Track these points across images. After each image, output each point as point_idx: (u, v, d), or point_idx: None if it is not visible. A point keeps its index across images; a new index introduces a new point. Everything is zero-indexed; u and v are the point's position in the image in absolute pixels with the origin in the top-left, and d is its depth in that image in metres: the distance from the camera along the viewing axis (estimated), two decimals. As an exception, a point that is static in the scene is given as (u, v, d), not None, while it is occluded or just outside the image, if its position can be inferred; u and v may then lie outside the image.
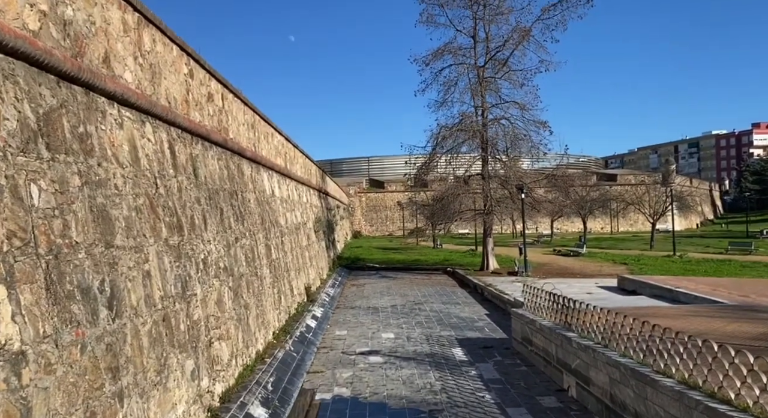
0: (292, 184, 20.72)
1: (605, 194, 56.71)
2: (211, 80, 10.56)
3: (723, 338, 9.02)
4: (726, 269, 26.17)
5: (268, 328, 12.61)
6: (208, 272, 8.86)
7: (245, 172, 12.95)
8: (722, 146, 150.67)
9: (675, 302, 15.56)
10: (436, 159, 30.12)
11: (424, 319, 17.54)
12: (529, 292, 12.98)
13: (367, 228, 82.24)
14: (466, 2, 27.54)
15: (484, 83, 28.47)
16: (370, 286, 26.43)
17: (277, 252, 15.33)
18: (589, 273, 26.92)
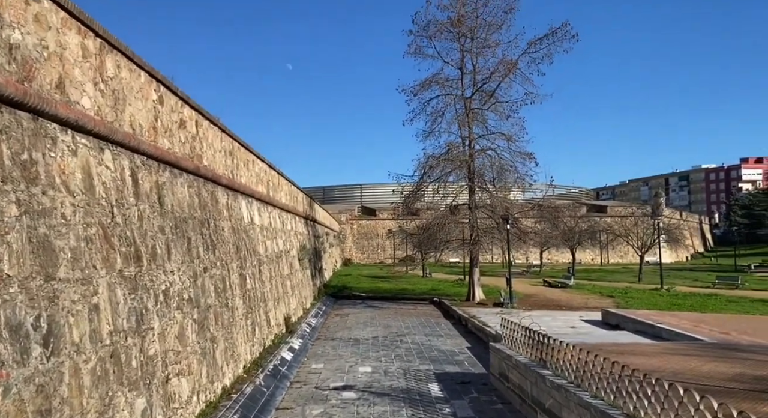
0: (274, 212, 20.51)
1: (594, 226, 56.80)
2: (184, 107, 10.46)
3: (698, 379, 8.77)
4: (712, 303, 25.99)
5: (238, 361, 12.22)
6: (169, 304, 8.57)
7: (220, 200, 12.75)
8: (712, 180, 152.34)
9: (657, 337, 15.31)
10: (424, 188, 30.11)
11: (405, 352, 17.15)
12: (507, 326, 12.70)
13: (358, 256, 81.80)
14: (453, 35, 27.94)
15: (471, 114, 28.67)
16: (354, 316, 25.98)
17: (254, 282, 15.02)
18: (575, 306, 26.64)
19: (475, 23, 27.65)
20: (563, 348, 9.38)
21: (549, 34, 26.49)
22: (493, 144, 29.15)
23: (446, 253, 44.96)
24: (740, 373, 9.09)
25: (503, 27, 27.70)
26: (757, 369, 9.32)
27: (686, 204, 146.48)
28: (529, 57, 27.31)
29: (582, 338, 16.12)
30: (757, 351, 11.44)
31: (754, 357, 10.59)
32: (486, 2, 27.47)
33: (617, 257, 74.89)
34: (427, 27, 27.82)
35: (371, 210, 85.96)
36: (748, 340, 13.19)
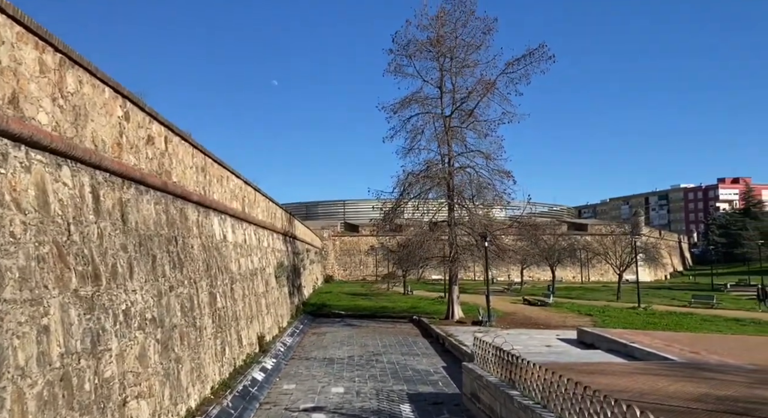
0: (250, 229, 20.32)
1: (574, 244, 57.25)
2: (152, 123, 10.36)
3: (663, 399, 8.78)
4: (687, 322, 26.22)
5: (206, 382, 11.96)
6: (130, 324, 8.37)
7: (190, 217, 12.59)
8: (690, 199, 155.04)
9: (629, 357, 15.36)
10: (403, 205, 30.14)
11: (379, 372, 16.96)
12: (479, 345, 12.63)
13: (341, 272, 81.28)
14: (433, 55, 28.27)
15: (450, 132, 28.91)
16: (331, 334, 25.70)
17: (225, 300, 14.79)
18: (553, 324, 26.68)
19: (454, 43, 28.03)
20: (531, 368, 9.33)
21: (526, 55, 26.97)
22: (471, 162, 29.40)
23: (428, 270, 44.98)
24: (705, 393, 9.12)
25: (482, 47, 28.14)
26: (722, 389, 9.36)
27: (666, 223, 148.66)
28: (507, 77, 27.73)
29: (556, 357, 16.11)
30: (724, 371, 11.51)
31: (721, 377, 10.65)
32: (465, 23, 27.92)
33: (598, 275, 75.44)
34: (407, 46, 28.15)
35: (354, 226, 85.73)
36: (716, 360, 13.29)
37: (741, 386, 9.78)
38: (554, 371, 8.64)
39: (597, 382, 10.37)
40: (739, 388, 9.65)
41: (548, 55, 26.74)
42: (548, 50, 26.80)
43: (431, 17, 27.99)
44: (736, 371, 11.52)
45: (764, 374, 11.27)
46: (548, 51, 26.81)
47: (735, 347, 16.20)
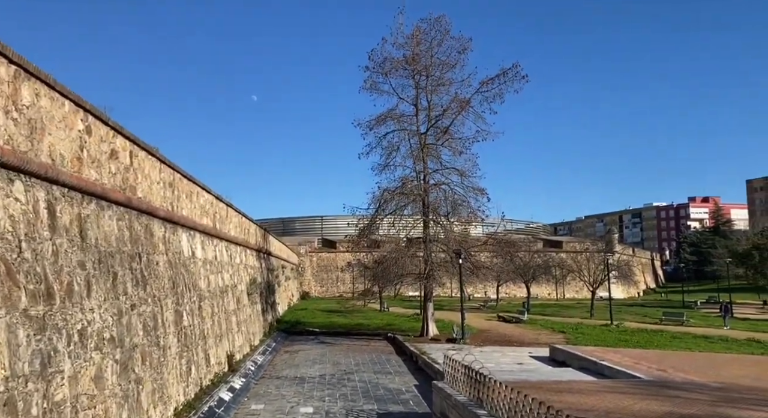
0: (221, 245, 20.01)
1: (549, 261, 57.81)
2: (117, 137, 10.16)
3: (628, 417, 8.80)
4: (657, 339, 26.54)
5: (169, 404, 11.62)
6: (86, 345, 8.09)
7: (155, 233, 12.33)
8: (663, 218, 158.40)
9: (599, 374, 15.43)
10: (379, 221, 30.09)
11: (350, 391, 16.71)
12: (449, 363, 12.54)
13: (317, 289, 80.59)
14: (408, 72, 28.55)
15: (425, 149, 29.10)
16: (304, 353, 25.32)
17: (192, 318, 14.46)
18: (526, 341, 26.73)
19: (429, 62, 28.36)
20: (498, 388, 9.27)
21: (500, 74, 27.39)
22: (447, 179, 29.59)
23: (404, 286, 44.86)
24: (669, 412, 9.16)
25: (457, 66, 28.53)
26: (685, 407, 9.42)
27: (639, 240, 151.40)
28: (482, 95, 28.11)
29: (527, 375, 16.10)
30: (689, 389, 11.61)
31: (685, 395, 10.74)
32: (440, 42, 28.31)
33: (573, 292, 76.16)
34: (383, 64, 28.40)
35: (332, 242, 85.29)
36: (682, 377, 13.42)
37: (705, 405, 9.86)
38: (521, 389, 8.60)
39: (565, 400, 10.37)
40: (703, 406, 9.73)
41: (521, 75, 27.25)
42: (521, 70, 27.32)
43: (407, 36, 28.36)
44: (701, 389, 11.63)
45: (728, 392, 11.40)
46: (521, 71, 27.33)
47: (702, 365, 16.41)
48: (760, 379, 13.83)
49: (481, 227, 38.07)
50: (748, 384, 12.85)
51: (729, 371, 15.40)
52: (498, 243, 32.54)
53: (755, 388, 12.25)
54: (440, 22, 28.25)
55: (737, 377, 14.15)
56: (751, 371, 15.53)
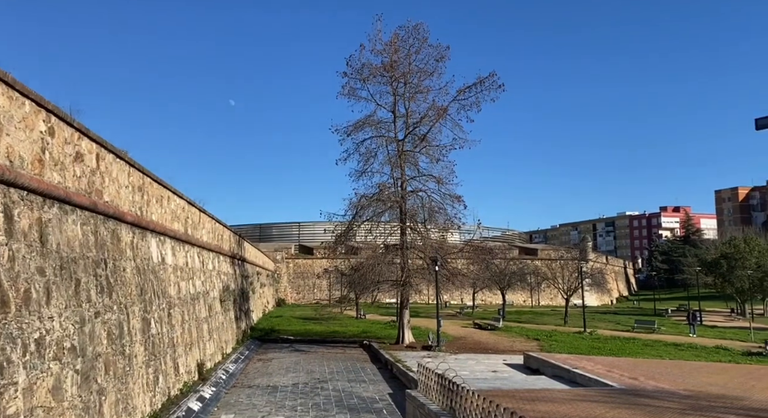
0: (193, 251, 19.62)
1: (524, 268, 58.28)
2: (82, 139, 9.86)
3: (600, 428, 8.79)
4: (629, 347, 26.86)
5: (134, 415, 11.25)
6: (43, 354, 7.76)
7: (123, 239, 11.98)
8: (635, 226, 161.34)
9: (572, 382, 15.49)
10: (356, 228, 29.93)
11: (324, 400, 16.47)
12: (422, 372, 12.43)
13: (293, 296, 79.82)
14: (386, 79, 28.55)
15: (403, 156, 29.09)
16: (278, 361, 24.94)
17: (160, 326, 14.09)
18: (501, 349, 26.79)
19: (407, 69, 28.43)
20: (470, 397, 9.19)
21: (477, 83, 27.60)
22: (424, 186, 29.61)
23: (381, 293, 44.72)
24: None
25: (434, 74, 28.66)
26: (655, 416, 9.47)
27: (612, 249, 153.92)
28: (459, 104, 28.27)
29: (501, 383, 16.09)
30: (659, 397, 11.71)
31: (656, 403, 10.81)
32: (418, 50, 28.41)
33: (547, 299, 76.88)
34: (361, 70, 28.35)
35: (309, 249, 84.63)
36: (653, 385, 13.54)
37: (674, 413, 9.93)
38: (494, 398, 8.53)
39: (537, 409, 10.35)
40: (672, 414, 9.80)
41: (498, 83, 27.49)
42: (498, 79, 27.56)
43: (385, 43, 28.39)
44: (671, 398, 11.74)
45: (697, 400, 11.52)
46: (498, 80, 27.57)
47: (672, 373, 16.61)
48: (727, 386, 14.04)
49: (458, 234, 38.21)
50: (715, 392, 13.03)
51: (698, 378, 15.61)
52: (474, 250, 32.65)
53: (722, 395, 12.42)
54: (418, 30, 28.41)
55: (705, 384, 14.35)
56: (719, 378, 15.78)
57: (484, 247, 35.45)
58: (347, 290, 47.78)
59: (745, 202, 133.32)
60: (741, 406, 11.07)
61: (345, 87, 28.68)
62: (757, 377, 16.54)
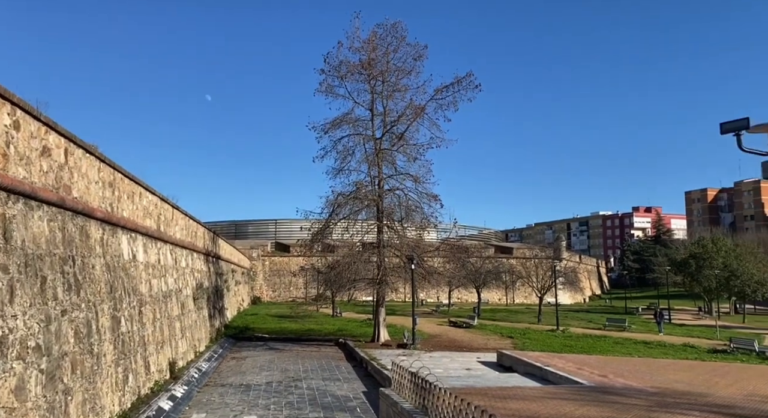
0: (165, 248, 19.32)
1: (499, 266, 58.89)
2: (50, 133, 9.62)
3: (569, 425, 8.94)
4: (600, 345, 27.37)
5: (102, 414, 11.04)
6: (6, 354, 7.57)
7: (92, 235, 11.74)
8: (608, 226, 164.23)
9: (544, 380, 15.73)
10: (332, 225, 29.84)
11: (297, 398, 16.41)
12: (396, 370, 12.48)
13: (269, 293, 79.24)
14: (364, 77, 28.50)
15: (380, 154, 29.09)
16: (252, 359, 24.75)
17: (131, 324, 13.85)
18: (475, 346, 27.03)
19: (385, 67, 28.42)
20: (442, 395, 9.25)
21: (454, 82, 27.74)
22: (401, 184, 29.67)
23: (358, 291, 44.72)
24: (607, 417, 9.37)
25: (412, 73, 28.71)
26: (623, 413, 9.67)
27: (586, 248, 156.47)
28: (436, 103, 28.38)
29: (474, 381, 16.24)
30: (627, 394, 11.96)
31: (623, 401, 11.05)
32: (396, 48, 28.42)
33: (522, 297, 77.81)
34: (338, 67, 28.23)
35: (285, 246, 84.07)
36: (621, 383, 13.84)
37: (641, 410, 10.15)
38: (466, 396, 8.61)
39: (508, 407, 10.48)
40: (639, 411, 10.02)
41: (475, 84, 27.66)
42: (475, 79, 27.73)
43: (363, 40, 28.32)
44: (638, 395, 12.00)
45: (663, 397, 11.80)
46: (475, 80, 27.74)
47: (640, 370, 16.98)
48: (692, 383, 14.42)
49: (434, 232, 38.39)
50: (681, 388, 13.37)
51: (665, 375, 15.99)
52: (451, 249, 32.85)
53: (688, 392, 12.75)
54: (396, 29, 28.41)
55: (672, 381, 14.71)
56: (685, 375, 16.19)
57: (461, 245, 35.72)
58: (324, 288, 47.68)
59: (713, 204, 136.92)
60: (705, 402, 11.38)
61: (322, 84, 28.57)
62: (721, 373, 17.03)
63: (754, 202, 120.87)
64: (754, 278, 52.97)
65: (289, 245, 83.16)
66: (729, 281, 53.62)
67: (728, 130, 7.47)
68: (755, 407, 11.06)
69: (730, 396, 12.39)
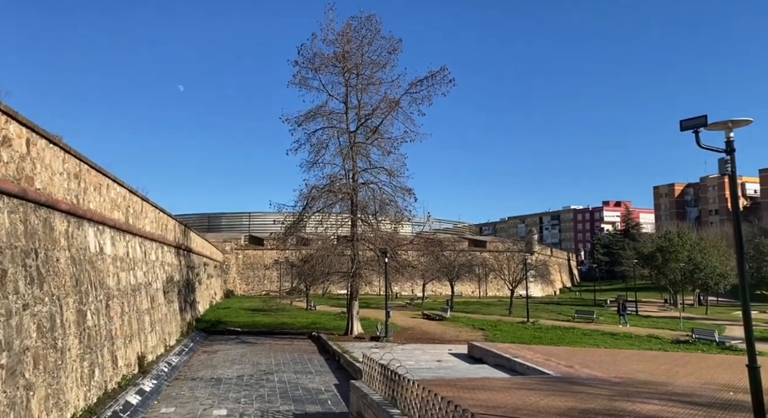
0: (134, 241, 19.00)
1: (472, 260, 59.51)
2: (10, 123, 9.35)
3: (534, 413, 9.16)
4: (569, 336, 27.98)
5: (66, 410, 10.86)
6: (-36, 348, 7.38)
7: (56, 228, 11.48)
8: (579, 220, 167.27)
9: (512, 371, 16.04)
10: (306, 219, 29.73)
11: (268, 391, 16.38)
12: (367, 362, 12.58)
13: (243, 287, 78.60)
14: (339, 70, 28.36)
15: (355, 148, 29.03)
16: (223, 353, 24.58)
17: (97, 318, 13.62)
18: (447, 339, 27.34)
19: (360, 60, 28.32)
20: (410, 386, 9.38)
21: (428, 76, 27.82)
22: (375, 178, 29.68)
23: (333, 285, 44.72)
24: (572, 407, 9.62)
25: (387, 66, 28.67)
26: (587, 403, 9.94)
27: (557, 241, 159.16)
28: (411, 97, 28.41)
29: (444, 372, 16.45)
30: (591, 384, 12.29)
31: (588, 391, 11.35)
32: (370, 41, 28.33)
33: (495, 290, 78.79)
34: (312, 59, 28.04)
35: (259, 239, 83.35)
36: (586, 373, 14.21)
37: (603, 400, 10.45)
38: (435, 388, 8.75)
39: (476, 397, 10.67)
40: (602, 401, 10.31)
41: (449, 78, 27.78)
42: (449, 74, 27.86)
43: (337, 33, 28.17)
44: (602, 385, 12.34)
45: (625, 387, 12.16)
46: (449, 74, 27.87)
47: (606, 361, 17.45)
48: (654, 373, 14.88)
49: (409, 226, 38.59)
50: (643, 378, 13.79)
51: (629, 366, 16.46)
52: (425, 242, 33.08)
53: (649, 382, 13.16)
54: (371, 21, 28.32)
55: (635, 371, 15.16)
56: (648, 365, 16.69)
57: (434, 239, 35.98)
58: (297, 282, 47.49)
59: (680, 198, 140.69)
60: (665, 391, 11.78)
61: (296, 76, 28.35)
62: (681, 363, 17.61)
63: (719, 197, 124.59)
64: (717, 271, 54.68)
65: (262, 238, 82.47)
66: (693, 274, 55.25)
67: (687, 127, 7.70)
68: (711, 395, 11.50)
69: (689, 385, 12.84)
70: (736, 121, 7.87)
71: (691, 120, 7.73)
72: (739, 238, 8.44)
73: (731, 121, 7.84)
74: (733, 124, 7.87)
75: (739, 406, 10.24)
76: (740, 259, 8.44)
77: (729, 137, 7.94)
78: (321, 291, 52.69)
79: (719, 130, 7.83)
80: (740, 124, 7.92)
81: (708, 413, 9.68)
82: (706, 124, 7.74)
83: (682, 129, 7.79)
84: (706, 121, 7.73)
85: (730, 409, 10.16)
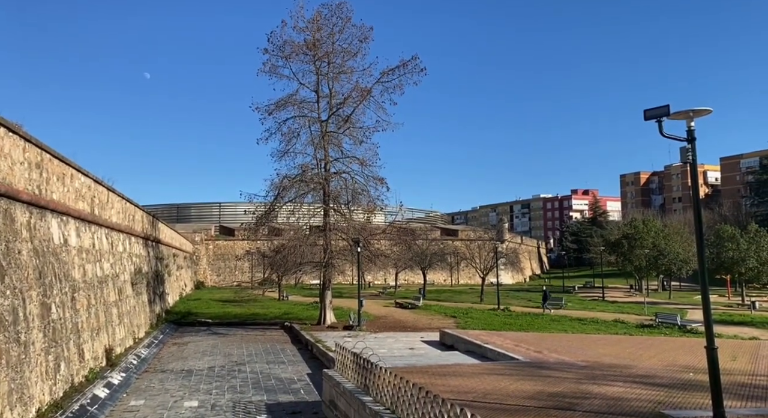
0: (100, 232, 18.56)
1: (444, 248, 60.06)
2: (-35, 111, 8.98)
3: (504, 398, 9.36)
4: (538, 322, 28.58)
5: (30, 405, 10.61)
6: None
7: (17, 219, 11.12)
8: (548, 208, 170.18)
9: (483, 357, 16.34)
10: (278, 209, 29.50)
11: (240, 382, 16.31)
12: (339, 351, 12.63)
13: (213, 278, 77.72)
14: (309, 58, 28.06)
15: (326, 137, 28.86)
16: (194, 344, 24.32)
17: (62, 311, 13.29)
18: (420, 327, 27.61)
19: (331, 48, 28.07)
20: (382, 374, 9.46)
21: (400, 65, 27.77)
22: (347, 168, 29.59)
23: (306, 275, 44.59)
24: (540, 391, 9.87)
25: (358, 55, 28.50)
26: (555, 386, 10.20)
27: (527, 229, 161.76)
28: (382, 86, 28.34)
29: (416, 359, 16.64)
30: (559, 368, 12.61)
31: (556, 375, 11.64)
32: (342, 29, 28.09)
33: (466, 278, 79.79)
34: (282, 47, 27.67)
35: (230, 230, 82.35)
36: (555, 358, 14.57)
37: (571, 383, 10.74)
38: (407, 375, 8.85)
39: (448, 384, 10.84)
40: (569, 384, 10.60)
41: (420, 67, 27.78)
42: (420, 63, 27.86)
43: (307, 20, 27.84)
44: (569, 369, 12.68)
45: (592, 370, 12.52)
46: (420, 63, 27.86)
47: (573, 346, 17.91)
48: (619, 356, 15.36)
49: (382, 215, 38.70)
50: (608, 362, 14.22)
51: (595, 350, 16.94)
52: (397, 232, 33.24)
53: (615, 365, 13.58)
54: (341, 9, 28.06)
55: (601, 355, 15.61)
56: (613, 349, 17.21)
57: (407, 228, 36.28)
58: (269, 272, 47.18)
59: (645, 186, 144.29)
60: (629, 374, 12.17)
61: (266, 64, 27.95)
62: (645, 347, 18.20)
63: (682, 185, 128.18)
64: (680, 257, 56.42)
65: (233, 228, 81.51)
66: (657, 260, 56.88)
67: (650, 116, 7.90)
68: (673, 376, 11.93)
69: (652, 367, 13.29)
70: (697, 110, 8.11)
71: (655, 110, 7.93)
72: (699, 224, 8.72)
73: (692, 110, 8.08)
74: (694, 114, 8.11)
75: (699, 386, 10.66)
76: (700, 245, 8.73)
77: (690, 126, 8.18)
78: (294, 281, 52.61)
79: (681, 120, 8.06)
80: (701, 113, 8.16)
81: (669, 393, 10.05)
82: (668, 114, 7.96)
83: (645, 118, 7.99)
84: (668, 110, 7.94)
85: (690, 389, 10.57)
